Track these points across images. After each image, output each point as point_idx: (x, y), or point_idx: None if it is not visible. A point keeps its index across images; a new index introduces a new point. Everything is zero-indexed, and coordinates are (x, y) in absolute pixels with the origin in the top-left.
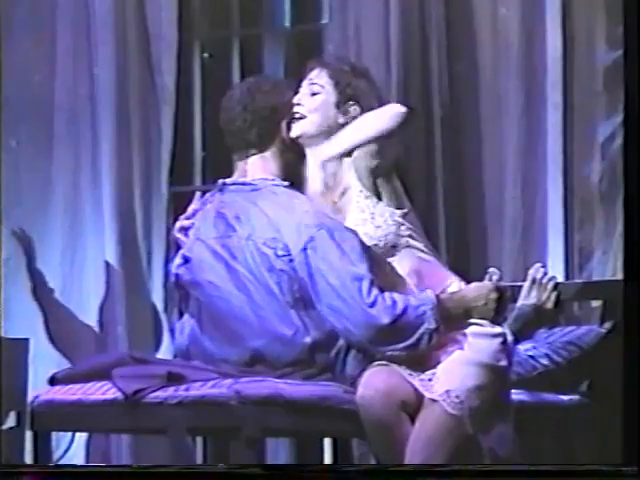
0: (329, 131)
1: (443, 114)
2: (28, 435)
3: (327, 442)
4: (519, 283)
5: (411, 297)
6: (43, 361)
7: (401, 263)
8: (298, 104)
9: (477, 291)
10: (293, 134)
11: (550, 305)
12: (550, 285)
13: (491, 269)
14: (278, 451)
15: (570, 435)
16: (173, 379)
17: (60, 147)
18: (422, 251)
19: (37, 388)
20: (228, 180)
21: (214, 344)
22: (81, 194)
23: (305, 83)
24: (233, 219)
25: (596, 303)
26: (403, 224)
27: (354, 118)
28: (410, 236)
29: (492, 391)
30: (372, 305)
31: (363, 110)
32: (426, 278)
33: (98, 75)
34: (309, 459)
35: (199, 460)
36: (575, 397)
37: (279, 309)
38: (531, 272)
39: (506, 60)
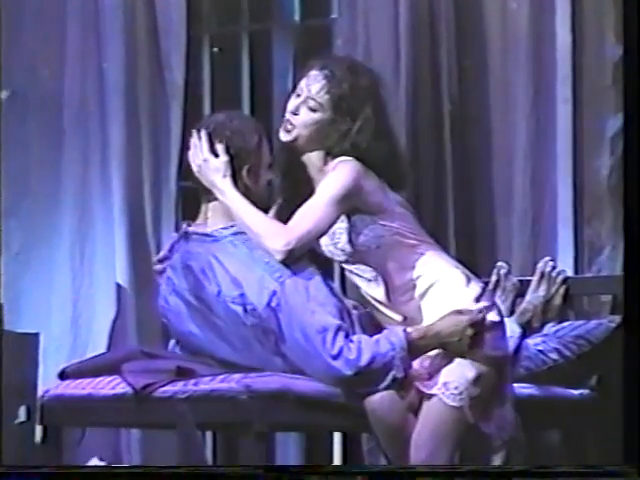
0: (321, 144)
1: (452, 109)
2: (38, 429)
3: (337, 437)
4: (528, 277)
5: (382, 339)
6: (53, 355)
7: (386, 258)
8: (294, 113)
9: (452, 327)
10: (284, 139)
11: (559, 299)
12: (559, 279)
13: (500, 263)
14: (287, 446)
15: (580, 429)
16: (182, 374)
17: (69, 142)
18: (412, 245)
19: (47, 383)
20: (190, 228)
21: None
22: (90, 189)
23: (303, 86)
24: (200, 273)
25: (606, 297)
26: (385, 225)
27: (348, 131)
28: (398, 234)
29: (491, 380)
30: (336, 357)
31: (355, 123)
32: (416, 270)
33: (107, 70)
34: (318, 454)
35: (209, 455)
36: (585, 391)
37: (264, 357)
38: (540, 266)
39: (515, 55)
